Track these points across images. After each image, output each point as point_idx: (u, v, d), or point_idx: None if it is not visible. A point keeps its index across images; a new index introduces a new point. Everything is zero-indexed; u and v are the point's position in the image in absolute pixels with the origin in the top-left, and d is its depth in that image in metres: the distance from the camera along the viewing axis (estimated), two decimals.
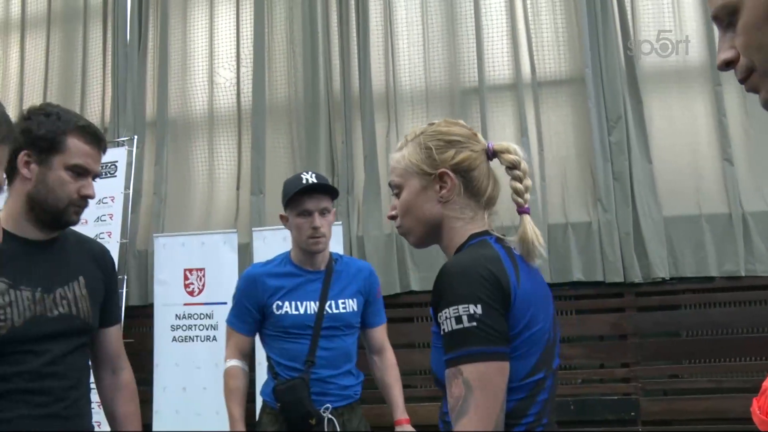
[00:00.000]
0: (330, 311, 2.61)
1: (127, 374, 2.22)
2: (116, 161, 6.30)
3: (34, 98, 7.28)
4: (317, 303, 2.58)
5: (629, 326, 6.02)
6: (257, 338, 2.79)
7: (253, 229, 6.08)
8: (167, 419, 5.89)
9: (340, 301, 2.66)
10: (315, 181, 2.62)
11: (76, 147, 1.84)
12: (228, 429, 2.76)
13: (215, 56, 6.89)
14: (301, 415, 2.58)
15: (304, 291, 2.63)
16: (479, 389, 1.29)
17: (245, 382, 2.80)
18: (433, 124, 1.63)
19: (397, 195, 1.62)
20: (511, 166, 1.61)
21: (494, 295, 1.35)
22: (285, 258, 2.70)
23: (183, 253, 6.08)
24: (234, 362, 2.71)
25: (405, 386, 6.23)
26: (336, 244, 5.72)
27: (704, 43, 6.22)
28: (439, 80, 6.49)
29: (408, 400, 6.25)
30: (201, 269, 6.04)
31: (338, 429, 2.57)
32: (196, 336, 6.01)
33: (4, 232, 1.80)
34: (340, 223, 5.96)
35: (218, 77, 6.83)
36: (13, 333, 1.75)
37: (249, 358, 2.84)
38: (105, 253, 2.14)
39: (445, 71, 6.50)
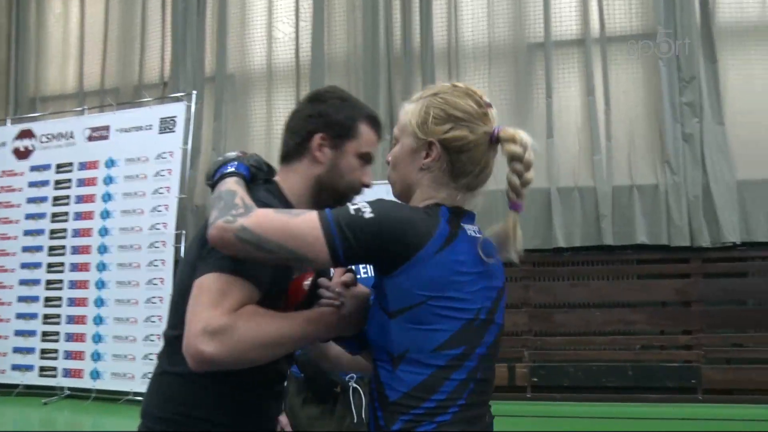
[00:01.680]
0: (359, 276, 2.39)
1: None
2: (175, 116, 6.30)
3: (94, 54, 7.33)
4: None
5: (694, 293, 5.85)
6: None
7: None
8: None
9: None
10: None
11: (367, 135, 1.76)
12: None
13: (274, 10, 6.81)
14: (326, 385, 2.46)
15: None
16: (295, 223, 1.40)
17: None
18: (456, 86, 1.55)
19: (394, 146, 1.59)
20: (512, 158, 1.46)
21: (394, 230, 1.37)
22: None
23: None
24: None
25: None
26: None
27: None
28: (503, 35, 6.30)
29: None
30: None
31: (363, 398, 2.44)
32: None
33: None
34: None
35: (277, 32, 6.76)
36: None
37: None
38: None
39: (509, 25, 6.30)
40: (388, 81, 6.38)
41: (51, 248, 6.64)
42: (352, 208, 1.40)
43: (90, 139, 6.59)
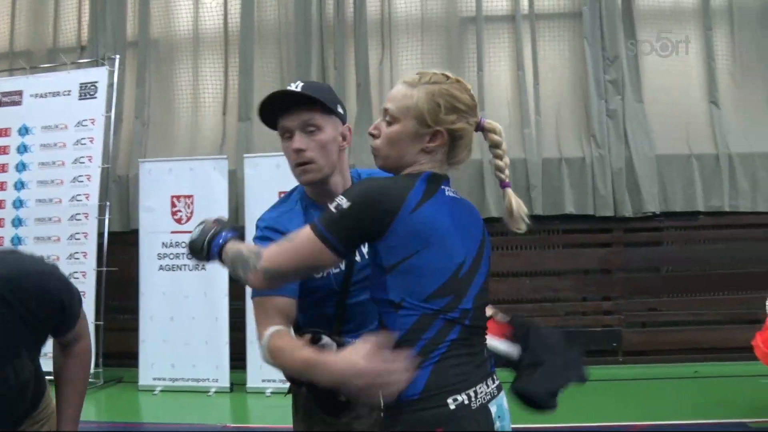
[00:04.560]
0: (362, 260, 1.96)
1: (79, 345, 1.94)
2: (96, 82, 5.98)
3: (1, 13, 6.79)
4: None
5: (616, 261, 6.18)
6: None
7: (244, 155, 5.89)
8: (154, 348, 5.78)
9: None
10: (293, 89, 1.90)
11: None
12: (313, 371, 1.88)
13: None
14: (328, 392, 1.96)
15: None
16: (296, 245, 1.61)
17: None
18: (448, 78, 1.72)
19: (389, 123, 1.71)
20: (494, 145, 1.74)
21: (370, 206, 1.57)
22: (300, 195, 2.03)
23: (170, 179, 5.86)
24: (276, 328, 1.83)
25: None
26: None
27: None
28: (436, 8, 6.36)
29: None
30: (189, 196, 5.85)
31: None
32: (184, 265, 5.85)
33: None
34: None
35: None
36: None
37: (293, 323, 1.94)
38: (8, 289, 1.66)
39: None
40: (320, 50, 6.30)
41: None
42: (332, 206, 1.60)
43: (0, 104, 6.14)
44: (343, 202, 1.58)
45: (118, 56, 6.08)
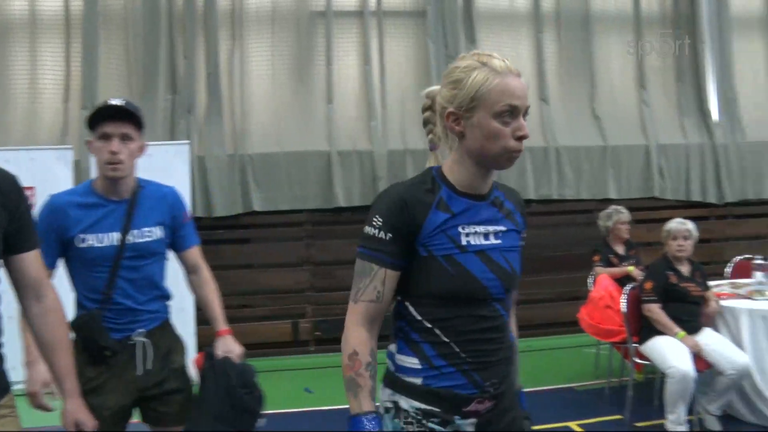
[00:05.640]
0: (132, 241, 2.52)
1: (51, 299, 2.00)
2: None
3: None
4: (120, 234, 2.49)
5: None
6: None
7: None
8: (16, 350, 5.47)
9: (145, 230, 2.56)
10: (122, 105, 2.44)
11: None
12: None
13: None
14: (96, 349, 2.47)
15: (107, 222, 2.48)
16: None
17: None
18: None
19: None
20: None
21: None
22: (88, 187, 2.55)
23: (8, 169, 5.55)
24: None
25: (244, 306, 6.38)
26: (182, 164, 5.60)
27: None
28: (287, 1, 6.46)
29: (248, 319, 6.42)
30: (30, 188, 5.56)
31: (150, 350, 2.59)
32: None
33: None
34: (188, 142, 5.84)
35: None
36: None
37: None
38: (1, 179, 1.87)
39: None
40: (169, 38, 6.21)
41: None
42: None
43: None
44: None
45: None
